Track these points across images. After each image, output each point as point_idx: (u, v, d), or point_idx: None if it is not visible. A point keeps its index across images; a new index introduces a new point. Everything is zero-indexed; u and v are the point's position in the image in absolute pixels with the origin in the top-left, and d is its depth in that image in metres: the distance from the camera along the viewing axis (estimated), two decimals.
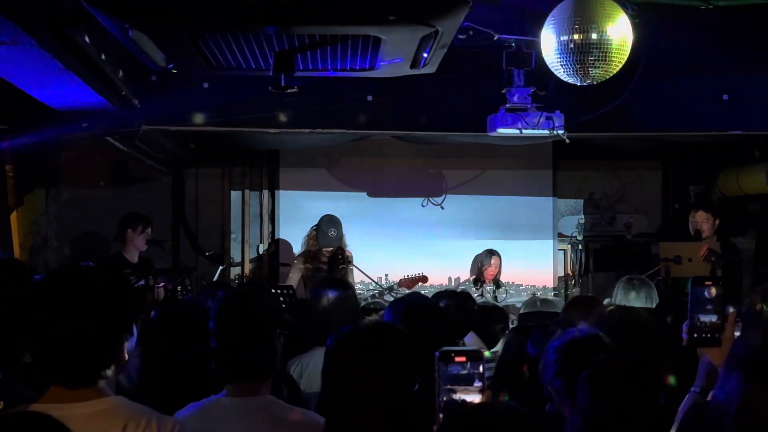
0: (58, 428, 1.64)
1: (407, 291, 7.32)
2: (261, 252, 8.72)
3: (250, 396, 2.60)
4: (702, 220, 6.73)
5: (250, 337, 2.62)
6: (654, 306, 4.80)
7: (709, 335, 2.39)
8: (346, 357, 2.15)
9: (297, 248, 7.92)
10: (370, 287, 7.47)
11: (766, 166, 7.37)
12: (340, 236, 7.32)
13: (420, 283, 7.63)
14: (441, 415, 1.84)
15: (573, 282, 8.58)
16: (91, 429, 2.02)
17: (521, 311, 6.00)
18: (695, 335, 2.40)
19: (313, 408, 2.77)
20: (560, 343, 2.54)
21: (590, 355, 2.38)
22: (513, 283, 8.56)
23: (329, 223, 7.33)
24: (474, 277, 8.11)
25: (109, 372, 2.14)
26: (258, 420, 2.57)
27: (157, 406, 2.23)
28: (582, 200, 9.09)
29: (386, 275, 7.55)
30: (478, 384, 1.86)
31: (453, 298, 4.57)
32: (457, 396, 1.85)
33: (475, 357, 1.87)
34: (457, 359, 1.86)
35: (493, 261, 8.02)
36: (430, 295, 4.87)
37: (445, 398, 1.85)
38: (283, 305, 5.55)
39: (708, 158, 8.29)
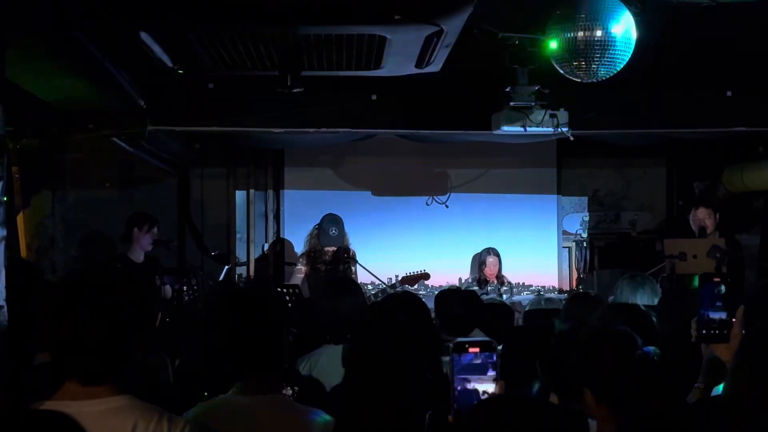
0: (72, 427, 1.66)
1: (409, 288, 7.33)
2: (265, 250, 8.74)
3: (260, 394, 2.60)
4: (705, 216, 6.73)
5: (259, 334, 2.63)
6: (657, 303, 4.81)
7: (717, 331, 2.41)
8: (365, 353, 2.18)
9: (300, 248, 7.94)
10: (380, 287, 7.49)
11: None
12: (341, 235, 7.33)
13: (422, 280, 7.63)
14: (455, 405, 1.88)
15: (577, 282, 8.58)
16: (101, 426, 2.02)
17: (526, 309, 6.03)
18: (703, 331, 2.42)
19: (321, 405, 2.78)
20: (595, 338, 2.57)
21: (625, 350, 2.41)
22: (522, 283, 8.56)
23: (330, 223, 7.35)
24: (477, 276, 8.11)
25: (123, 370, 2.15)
26: (268, 418, 2.57)
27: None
28: (586, 198, 9.09)
29: (396, 276, 7.56)
30: (491, 373, 1.90)
31: (458, 295, 4.58)
32: (471, 385, 1.89)
33: (488, 347, 1.92)
34: (471, 349, 1.90)
35: (491, 259, 8.03)
36: (435, 294, 4.89)
37: (459, 387, 1.89)
38: (290, 304, 5.56)
39: (712, 155, 8.28)
